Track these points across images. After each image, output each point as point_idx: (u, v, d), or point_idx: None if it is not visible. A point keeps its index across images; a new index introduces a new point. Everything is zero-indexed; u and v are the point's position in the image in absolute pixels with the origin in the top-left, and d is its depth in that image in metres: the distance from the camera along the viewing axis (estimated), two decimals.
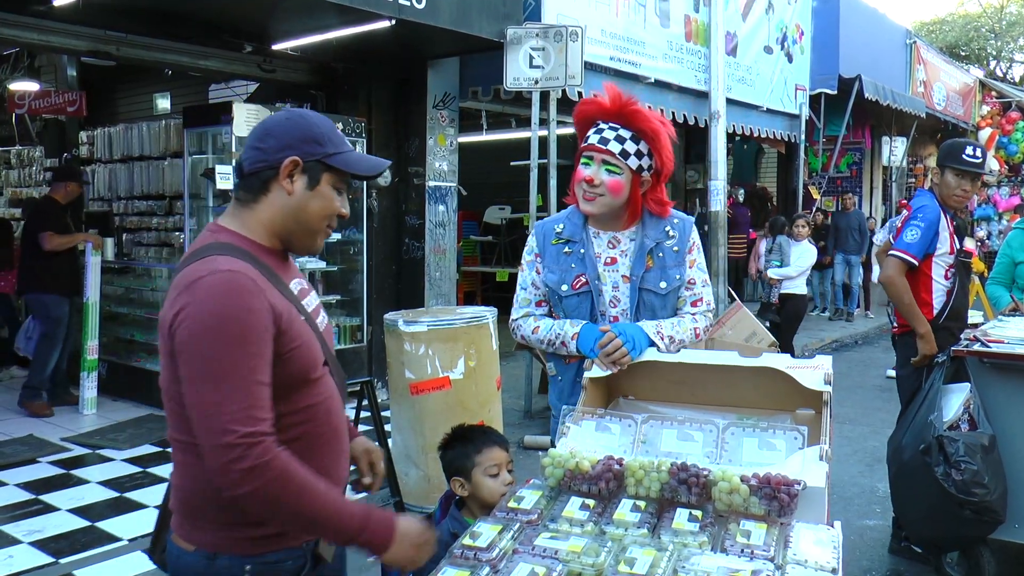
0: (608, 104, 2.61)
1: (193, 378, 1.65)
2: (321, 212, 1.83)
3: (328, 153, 1.82)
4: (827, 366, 2.34)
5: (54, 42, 6.25)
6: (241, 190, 1.84)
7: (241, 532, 1.76)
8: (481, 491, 2.34)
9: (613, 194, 2.59)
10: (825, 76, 11.83)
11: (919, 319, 4.08)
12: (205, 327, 1.63)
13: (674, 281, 2.69)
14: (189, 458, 1.75)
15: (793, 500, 1.95)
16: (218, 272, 1.67)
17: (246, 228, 1.81)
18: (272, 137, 1.79)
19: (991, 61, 31.97)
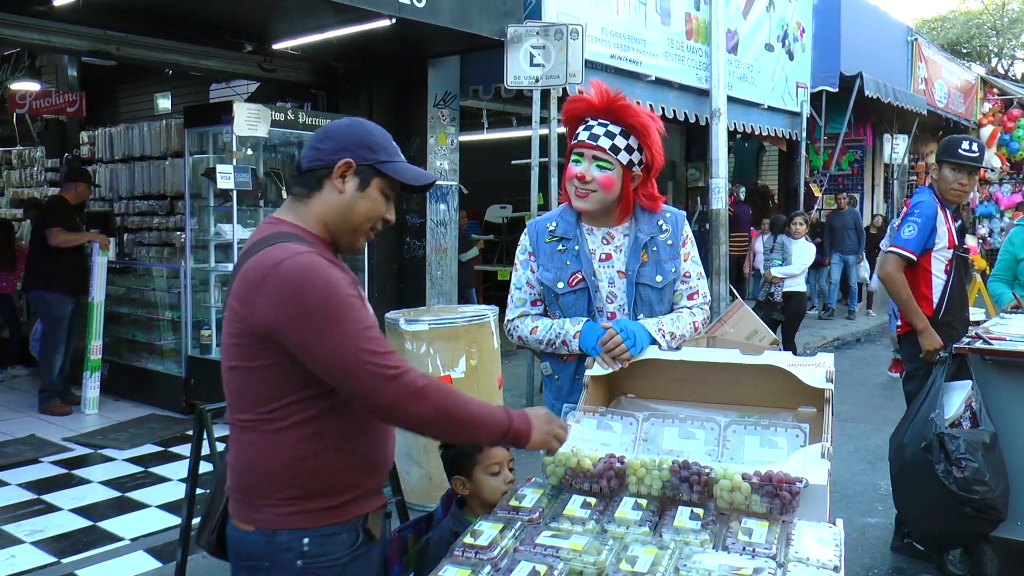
0: (596, 101, 2.62)
1: (325, 347, 1.76)
2: (367, 213, 1.95)
3: (380, 160, 1.94)
4: (829, 364, 2.34)
5: (54, 42, 6.25)
6: (297, 185, 1.97)
7: (298, 506, 1.86)
8: (482, 490, 2.33)
9: (605, 190, 2.60)
10: (826, 73, 11.81)
11: (917, 315, 4.11)
12: (313, 303, 1.75)
13: (669, 274, 2.70)
14: (251, 436, 1.87)
15: (795, 498, 1.95)
16: (299, 254, 1.79)
17: (302, 220, 1.93)
18: (331, 139, 1.94)
19: (992, 58, 31.93)
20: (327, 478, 1.88)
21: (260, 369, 1.83)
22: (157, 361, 7.57)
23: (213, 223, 7.00)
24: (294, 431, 1.84)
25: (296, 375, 1.81)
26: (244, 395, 1.87)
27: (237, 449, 1.92)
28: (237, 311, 1.83)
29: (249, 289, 1.80)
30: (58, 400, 7.02)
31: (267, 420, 1.84)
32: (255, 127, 6.61)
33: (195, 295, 7.10)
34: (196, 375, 6.94)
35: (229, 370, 1.89)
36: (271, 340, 1.79)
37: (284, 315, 1.76)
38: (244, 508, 1.91)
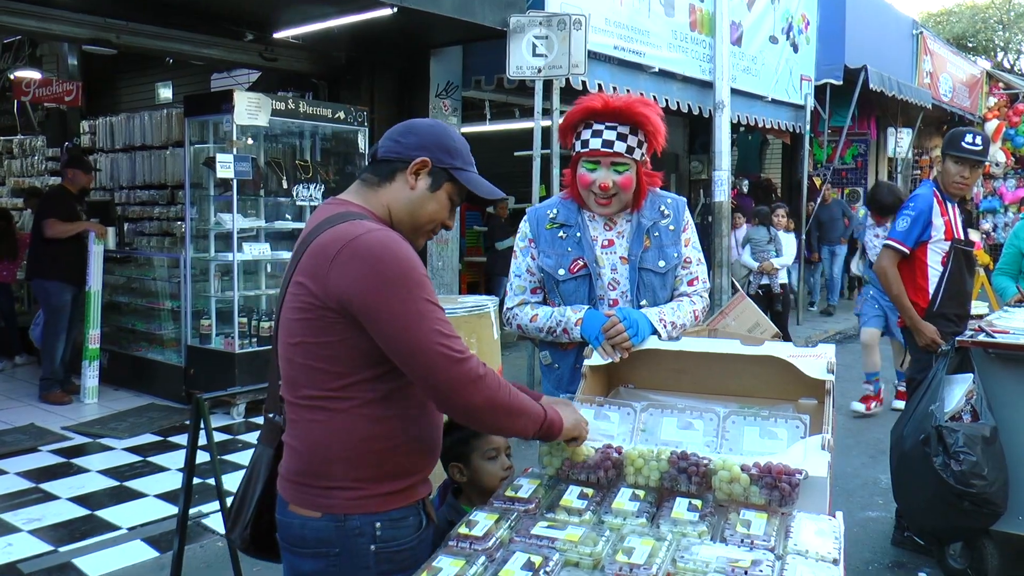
0: (599, 106, 2.59)
1: (398, 323, 1.75)
2: (433, 214, 1.97)
3: (456, 167, 1.98)
4: (830, 355, 2.31)
5: (54, 30, 6.22)
6: (369, 172, 1.99)
7: (370, 489, 1.84)
8: (480, 476, 2.31)
9: (626, 191, 2.62)
10: (831, 66, 11.75)
11: (906, 309, 4.22)
12: (391, 277, 1.75)
13: (672, 259, 2.70)
14: (320, 415, 1.84)
15: (794, 490, 1.92)
16: (374, 231, 1.80)
17: (370, 205, 1.94)
18: (413, 135, 1.96)
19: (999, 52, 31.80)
20: (397, 460, 1.87)
21: (329, 345, 1.81)
22: (157, 351, 7.56)
23: (213, 212, 6.98)
24: (366, 410, 1.83)
25: (367, 351, 1.80)
26: (311, 372, 1.84)
27: (300, 429, 1.88)
28: (305, 286, 1.81)
29: (321, 263, 1.79)
30: (59, 389, 7.02)
31: (338, 398, 1.83)
32: (255, 116, 6.58)
33: (195, 285, 7.08)
34: (196, 365, 6.92)
35: (293, 346, 1.86)
36: (343, 314, 1.78)
37: (360, 287, 1.75)
38: (308, 493, 1.87)
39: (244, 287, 6.97)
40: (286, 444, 1.93)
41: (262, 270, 7.27)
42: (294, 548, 1.92)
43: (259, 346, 6.66)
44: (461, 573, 1.69)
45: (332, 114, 7.10)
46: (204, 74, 10.02)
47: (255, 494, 2.05)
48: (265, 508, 2.03)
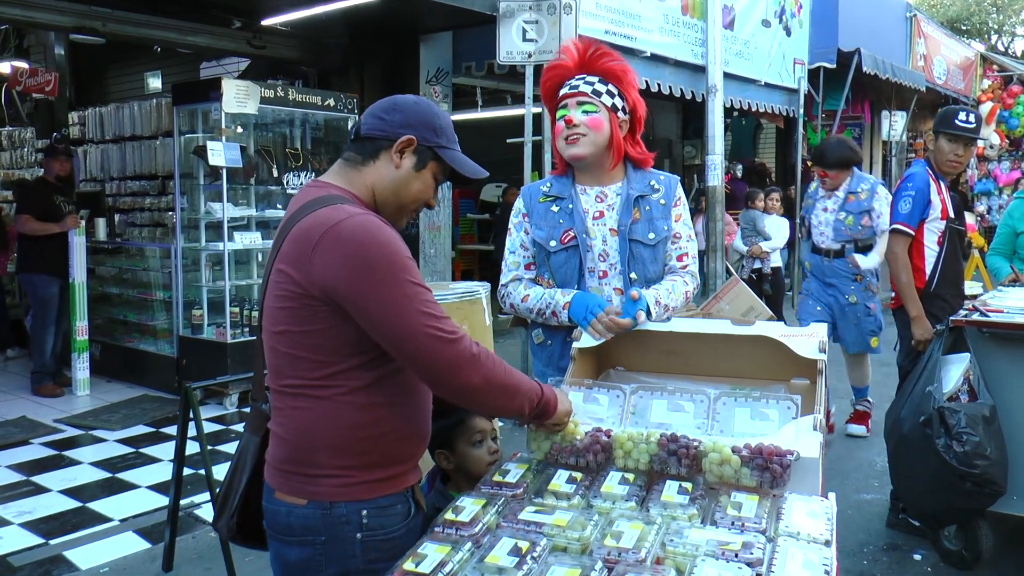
0: (571, 63, 2.68)
1: (386, 308, 1.71)
2: (417, 194, 1.94)
3: (441, 145, 1.94)
4: (822, 334, 2.28)
5: (38, 18, 6.15)
6: (352, 151, 1.93)
7: (356, 476, 1.81)
8: (467, 462, 2.28)
9: (595, 131, 2.61)
10: (824, 50, 11.67)
11: (914, 301, 4.08)
12: (375, 262, 1.71)
13: (662, 231, 2.70)
14: (304, 403, 1.80)
15: (786, 471, 1.89)
16: (356, 215, 1.75)
17: (352, 186, 1.89)
18: (399, 112, 1.91)
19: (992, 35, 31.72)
20: (384, 447, 1.84)
21: (313, 333, 1.78)
22: (149, 342, 7.52)
23: (204, 202, 6.93)
24: (352, 397, 1.80)
25: (352, 339, 1.77)
26: (295, 360, 1.80)
27: (285, 417, 1.85)
28: (287, 273, 1.77)
29: (304, 250, 1.75)
30: (50, 382, 6.98)
31: (323, 386, 1.79)
32: (244, 104, 6.52)
33: (186, 275, 7.04)
34: (188, 355, 6.89)
35: (277, 335, 1.83)
36: (327, 301, 1.74)
37: (344, 274, 1.71)
38: (294, 480, 1.84)
39: (235, 276, 6.93)
40: (272, 432, 1.90)
41: (253, 259, 7.23)
42: (280, 536, 1.89)
43: (251, 336, 6.62)
44: (446, 559, 1.65)
45: (322, 102, 7.04)
46: (193, 63, 9.94)
47: (241, 483, 2.02)
48: (252, 496, 1.99)
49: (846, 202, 5.38)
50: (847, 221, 5.36)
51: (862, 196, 5.33)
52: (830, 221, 5.44)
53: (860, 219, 5.32)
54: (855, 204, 5.34)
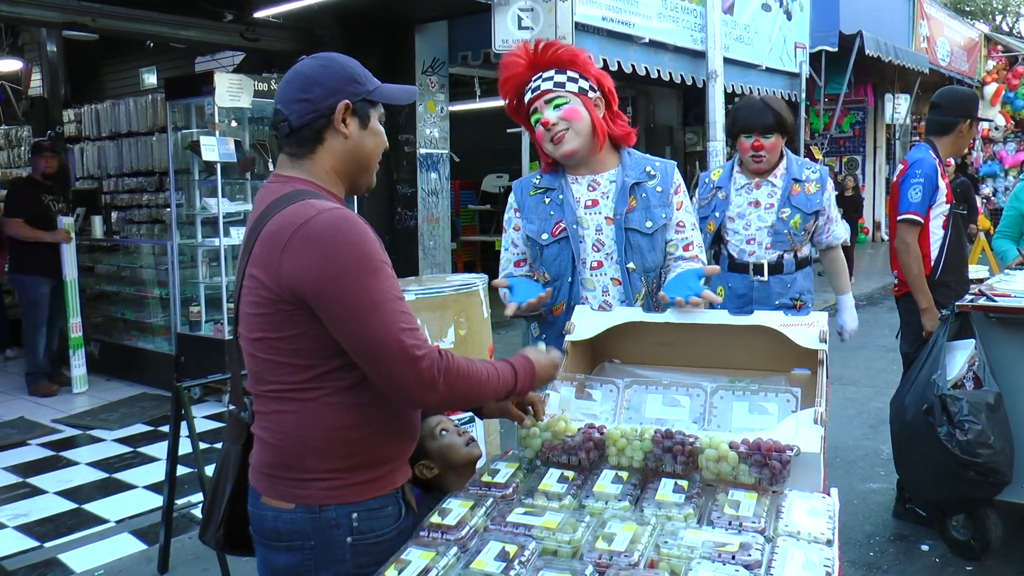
0: (524, 59, 2.60)
1: (352, 313, 1.63)
2: (376, 148, 1.86)
3: (369, 89, 1.83)
4: (822, 323, 2.20)
5: (26, 14, 6.06)
6: (291, 145, 1.81)
7: (345, 479, 1.74)
8: (444, 456, 2.20)
9: (575, 121, 2.54)
10: (825, 33, 11.56)
11: (924, 293, 3.91)
12: (345, 263, 1.62)
13: (660, 220, 2.62)
14: (289, 406, 1.73)
15: (785, 467, 1.82)
16: (325, 211, 1.66)
17: (314, 176, 1.80)
18: (317, 85, 1.77)
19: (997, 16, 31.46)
20: (372, 448, 1.78)
21: (292, 339, 1.69)
22: (148, 339, 7.47)
23: (199, 198, 6.86)
24: (337, 398, 1.72)
25: (328, 343, 1.69)
26: (275, 366, 1.73)
27: (270, 421, 1.77)
28: (258, 278, 1.69)
29: (272, 252, 1.66)
30: (45, 381, 6.94)
31: (307, 388, 1.72)
32: (238, 98, 6.44)
33: (183, 271, 6.97)
34: (186, 353, 6.82)
35: (255, 342, 1.75)
36: (300, 304, 1.66)
37: (313, 275, 1.62)
38: (281, 484, 1.77)
39: (232, 272, 6.85)
40: (256, 436, 1.83)
41: None
42: (268, 541, 1.82)
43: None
44: (430, 566, 1.59)
45: None
46: (188, 58, 9.86)
47: (226, 493, 1.95)
48: (238, 506, 1.93)
49: (789, 194, 3.63)
50: (792, 222, 3.60)
51: (811, 188, 3.64)
52: (766, 220, 3.65)
53: (807, 221, 3.62)
54: (802, 198, 3.62)
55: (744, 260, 3.67)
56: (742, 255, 3.67)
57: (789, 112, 3.67)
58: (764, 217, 3.64)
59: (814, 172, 3.67)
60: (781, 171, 3.67)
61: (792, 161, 3.71)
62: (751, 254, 3.66)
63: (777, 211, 3.62)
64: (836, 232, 3.74)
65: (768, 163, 3.62)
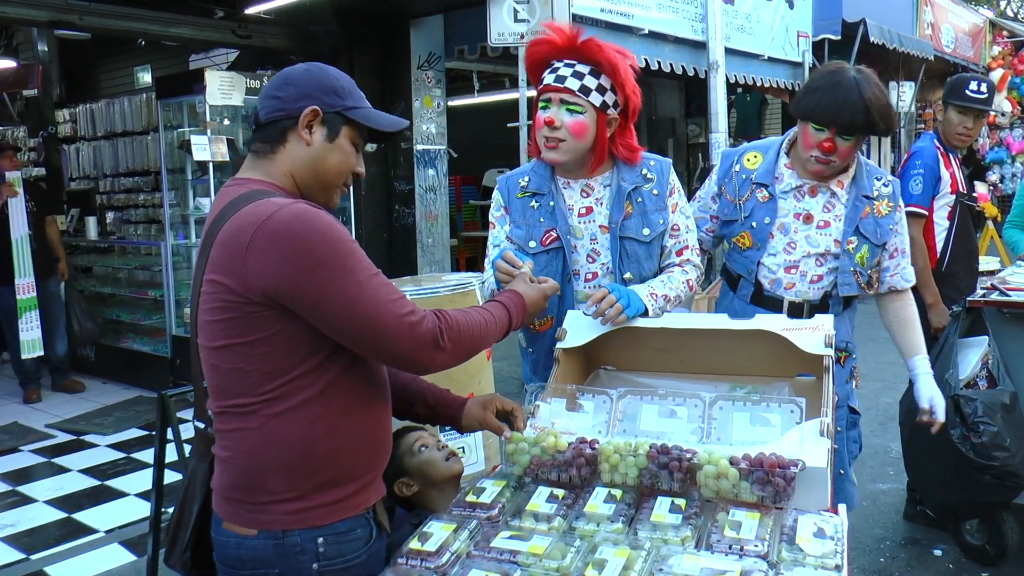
0: (559, 39, 2.35)
1: (339, 301, 1.57)
2: (339, 167, 1.76)
3: (348, 106, 1.75)
4: (828, 327, 2.08)
5: (10, 13, 5.94)
6: (257, 141, 1.76)
7: (309, 500, 1.65)
8: (424, 472, 2.09)
9: (577, 137, 2.34)
10: (828, 21, 11.39)
11: (930, 287, 3.75)
12: (320, 254, 1.56)
13: (657, 226, 2.45)
14: (250, 422, 1.64)
15: (790, 484, 1.70)
16: (286, 206, 1.59)
17: (271, 177, 1.73)
18: (292, 86, 1.72)
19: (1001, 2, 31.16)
20: (339, 464, 1.68)
21: (260, 342, 1.60)
22: (143, 342, 7.37)
23: (192, 197, 6.75)
24: (303, 411, 1.62)
25: (302, 341, 1.61)
26: (240, 375, 1.63)
27: (232, 440, 1.67)
28: (220, 283, 1.59)
29: (235, 254, 1.57)
30: (34, 386, 6.81)
31: (270, 401, 1.62)
32: (229, 96, 6.33)
33: (177, 272, 6.86)
34: (182, 355, 6.71)
35: (216, 351, 1.64)
36: (271, 305, 1.57)
37: (287, 272, 1.54)
38: (242, 509, 1.67)
39: None
40: (217, 457, 1.71)
41: None
42: (231, 570, 1.71)
43: None
44: None
45: None
46: (183, 56, 9.75)
47: (192, 513, 1.83)
48: (205, 527, 1.81)
49: (859, 218, 2.65)
50: (859, 256, 2.66)
51: (882, 208, 2.68)
52: (818, 245, 2.66)
53: (877, 255, 2.71)
54: (872, 224, 2.66)
55: (777, 294, 2.68)
56: (776, 287, 2.68)
57: (889, 102, 2.55)
58: (815, 240, 2.64)
59: (886, 185, 2.69)
60: (848, 179, 2.66)
61: (862, 167, 2.68)
62: (789, 287, 2.66)
63: (843, 238, 2.62)
64: (906, 273, 2.77)
65: (835, 170, 2.62)
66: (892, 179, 2.74)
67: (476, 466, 4.26)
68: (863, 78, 2.50)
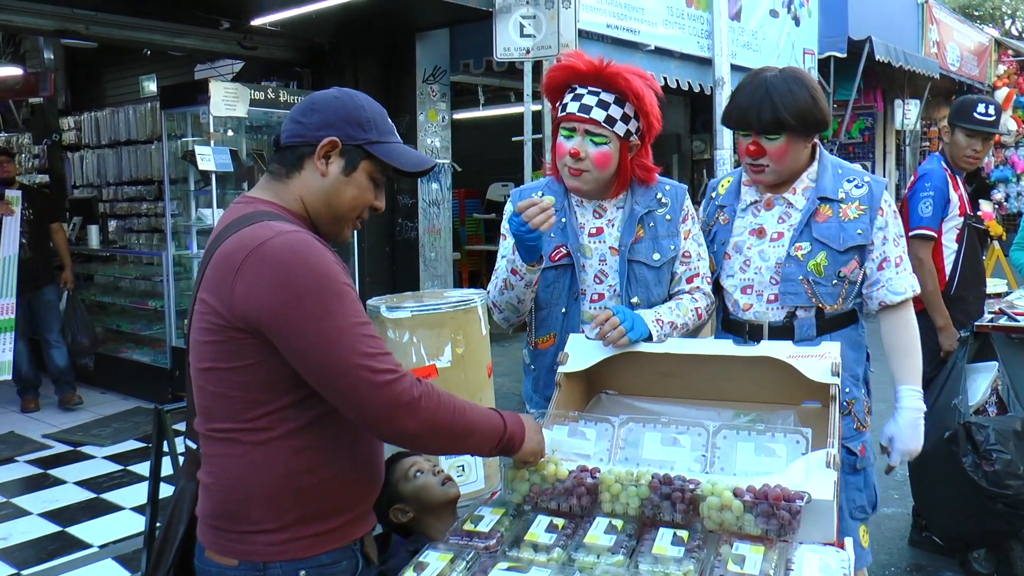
0: (583, 67, 2.31)
1: (314, 342, 1.50)
2: (352, 202, 1.71)
3: (371, 140, 1.69)
4: (834, 354, 2.03)
5: (17, 22, 5.94)
6: (275, 163, 1.73)
7: (293, 532, 1.61)
8: (418, 498, 2.04)
9: (600, 168, 2.33)
10: (834, 38, 11.38)
11: (940, 310, 3.69)
12: (304, 289, 1.51)
13: (668, 252, 2.42)
14: (234, 449, 1.59)
15: (795, 518, 1.65)
16: (284, 233, 1.54)
17: (282, 200, 1.69)
18: (316, 112, 1.68)
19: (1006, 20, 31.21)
20: (325, 496, 1.63)
21: (243, 370, 1.56)
22: (143, 352, 7.34)
23: (195, 208, 6.73)
24: (287, 441, 1.58)
25: (287, 373, 1.55)
26: (225, 401, 1.59)
27: (215, 466, 1.63)
28: (209, 304, 1.56)
29: (226, 275, 1.54)
30: (31, 396, 6.76)
31: (256, 429, 1.58)
32: (233, 107, 6.32)
33: (178, 283, 6.84)
34: (181, 366, 6.64)
35: (203, 372, 1.61)
36: (254, 333, 1.52)
37: (269, 302, 1.49)
38: (224, 538, 1.62)
39: None
40: (201, 482, 1.68)
41: None
42: None
43: None
44: None
45: None
46: (188, 66, 9.76)
47: (178, 535, 1.79)
48: (190, 550, 1.77)
49: (811, 219, 2.44)
50: (813, 263, 2.41)
51: (849, 211, 2.43)
52: (768, 258, 2.48)
53: (842, 263, 2.41)
54: (833, 227, 2.42)
55: (739, 317, 2.51)
56: (736, 309, 2.52)
57: (812, 97, 2.34)
58: (767, 253, 2.46)
59: (860, 186, 2.43)
60: (806, 184, 2.46)
61: (827, 169, 2.47)
62: (747, 308, 2.48)
63: (791, 243, 2.42)
64: (894, 284, 2.44)
65: (776, 175, 2.42)
66: (873, 180, 2.46)
67: (475, 484, 4.21)
68: (777, 75, 2.37)
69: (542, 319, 2.47)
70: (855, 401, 2.46)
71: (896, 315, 2.46)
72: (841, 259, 2.39)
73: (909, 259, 2.53)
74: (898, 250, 2.45)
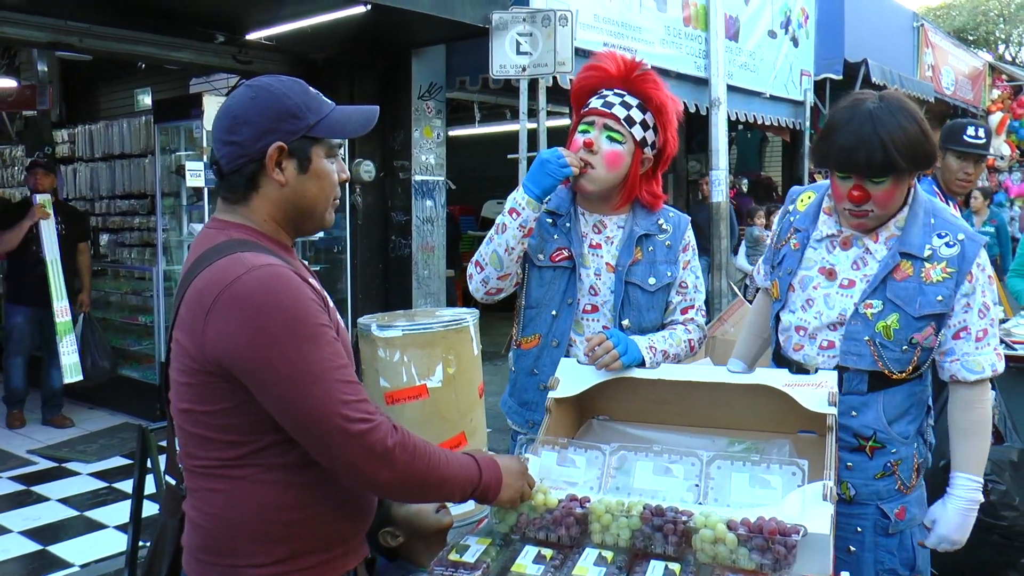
0: (613, 70, 2.35)
1: (287, 387, 1.44)
2: (321, 192, 1.63)
3: (311, 124, 1.57)
4: (831, 383, 1.99)
5: (9, 33, 5.89)
6: (225, 191, 1.61)
7: (284, 566, 1.55)
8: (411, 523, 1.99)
9: (610, 167, 2.32)
10: (830, 60, 11.43)
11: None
12: (277, 331, 1.43)
13: (664, 278, 2.40)
14: (221, 484, 1.54)
15: (791, 552, 1.61)
16: (256, 268, 1.47)
17: (251, 222, 1.60)
18: (245, 125, 1.54)
19: (1000, 45, 31.44)
20: (316, 531, 1.58)
21: (220, 413, 1.50)
22: (132, 368, 7.25)
23: (186, 223, 6.68)
24: (276, 475, 1.52)
25: (266, 415, 1.49)
26: (204, 441, 1.54)
27: (200, 500, 1.57)
28: (183, 344, 1.50)
29: (197, 316, 1.47)
30: (17, 410, 6.65)
31: (239, 465, 1.53)
32: None
33: (168, 298, 6.76)
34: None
35: (181, 413, 1.55)
36: (227, 377, 1.46)
37: (240, 346, 1.43)
38: (212, 571, 1.57)
39: None
40: (187, 516, 1.62)
41: None
42: None
43: None
44: None
45: None
46: (183, 80, 9.72)
47: (162, 572, 1.74)
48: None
49: (888, 275, 2.15)
50: (882, 325, 2.15)
51: (933, 272, 2.13)
52: (834, 305, 2.23)
53: (916, 328, 2.14)
54: (911, 288, 2.14)
55: (788, 354, 2.31)
56: (787, 345, 2.31)
57: (921, 130, 2.04)
58: (832, 300, 2.21)
59: (951, 244, 2.11)
60: (891, 232, 2.16)
61: (917, 217, 2.15)
62: (797, 348, 2.27)
63: (861, 298, 2.15)
64: (970, 361, 2.15)
65: (878, 220, 2.15)
66: (968, 238, 2.11)
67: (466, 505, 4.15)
68: (882, 107, 2.03)
69: (531, 318, 2.45)
70: (901, 462, 2.20)
71: (968, 393, 2.18)
72: (915, 324, 2.12)
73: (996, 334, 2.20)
74: (983, 322, 2.13)
